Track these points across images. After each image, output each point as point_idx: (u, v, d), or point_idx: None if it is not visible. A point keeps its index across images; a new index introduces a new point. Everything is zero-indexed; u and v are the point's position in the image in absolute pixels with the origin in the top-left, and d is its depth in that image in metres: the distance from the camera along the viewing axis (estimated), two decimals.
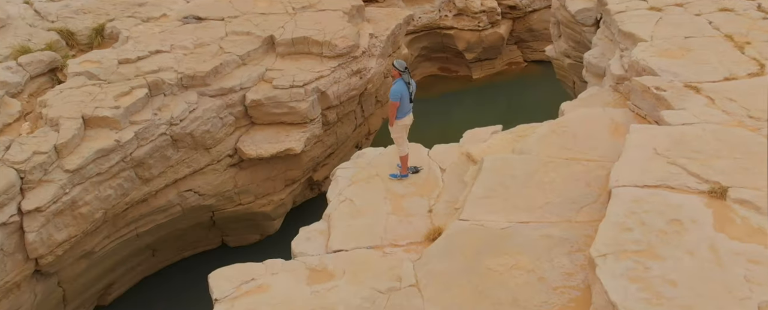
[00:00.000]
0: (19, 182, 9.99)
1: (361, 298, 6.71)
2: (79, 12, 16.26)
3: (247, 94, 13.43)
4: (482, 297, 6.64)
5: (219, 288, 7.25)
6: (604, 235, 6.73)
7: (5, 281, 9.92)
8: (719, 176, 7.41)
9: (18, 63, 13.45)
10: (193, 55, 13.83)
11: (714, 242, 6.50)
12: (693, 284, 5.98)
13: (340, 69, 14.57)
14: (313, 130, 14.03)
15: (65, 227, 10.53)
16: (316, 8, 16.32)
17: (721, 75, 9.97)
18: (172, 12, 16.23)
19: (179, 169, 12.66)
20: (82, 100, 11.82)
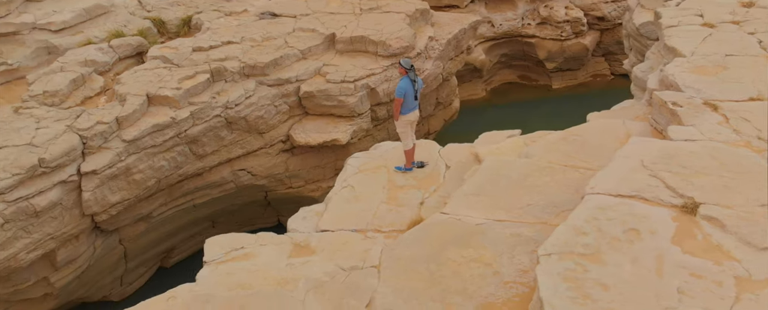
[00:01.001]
0: (81, 146, 11.15)
1: (323, 273, 7.11)
2: (173, 4, 17.61)
3: (301, 85, 14.12)
4: (434, 283, 6.86)
5: (210, 252, 7.88)
6: (557, 236, 6.75)
7: (63, 232, 11.10)
8: (696, 192, 7.21)
9: (109, 45, 14.83)
10: (260, 47, 14.69)
11: (664, 253, 6.38)
12: (623, 290, 5.94)
13: (392, 68, 14.97)
14: (361, 124, 14.52)
15: (119, 191, 11.61)
16: (382, 10, 16.80)
17: (748, 95, 9.52)
18: (253, 8, 17.24)
19: (233, 149, 13.54)
20: (150, 81, 12.93)
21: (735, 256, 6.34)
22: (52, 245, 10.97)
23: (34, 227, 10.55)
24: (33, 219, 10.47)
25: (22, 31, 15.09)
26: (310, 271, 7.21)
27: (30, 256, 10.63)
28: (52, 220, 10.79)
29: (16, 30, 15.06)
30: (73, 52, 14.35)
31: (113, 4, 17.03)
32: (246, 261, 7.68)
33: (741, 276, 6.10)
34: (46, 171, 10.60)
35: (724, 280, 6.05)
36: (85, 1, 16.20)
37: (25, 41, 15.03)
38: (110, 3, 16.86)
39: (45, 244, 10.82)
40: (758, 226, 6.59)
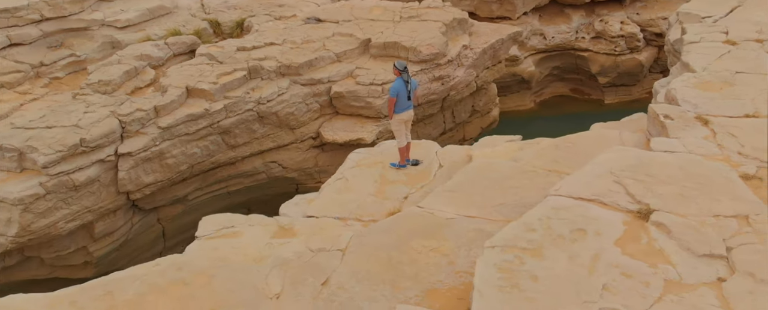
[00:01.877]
0: (120, 130, 12.10)
1: (293, 253, 7.56)
2: (231, 8, 18.61)
3: (333, 86, 14.70)
4: (390, 268, 7.21)
5: (203, 228, 8.51)
6: (507, 231, 6.98)
7: (100, 206, 12.07)
8: (654, 199, 7.25)
9: (165, 42, 15.90)
10: (298, 49, 15.38)
11: (602, 253, 6.51)
12: (551, 283, 6.13)
13: (421, 73, 15.33)
14: (387, 126, 14.94)
15: (152, 172, 12.50)
16: (421, 18, 17.18)
17: (744, 111, 9.35)
18: (301, 13, 17.99)
19: (264, 142, 14.25)
20: (192, 75, 13.83)
21: (672, 260, 6.40)
22: (89, 218, 11.95)
23: (73, 200, 11.55)
24: (72, 192, 11.46)
25: (92, 27, 16.40)
26: (283, 250, 7.70)
27: (68, 225, 11.63)
28: (90, 194, 11.77)
29: (87, 26, 16.37)
30: (132, 47, 15.47)
31: (177, 6, 18.18)
32: (233, 238, 8.26)
33: (671, 279, 6.17)
34: (86, 150, 11.58)
35: (652, 281, 6.14)
36: (150, 2, 17.41)
37: (93, 36, 16.32)
38: (174, 5, 18.02)
39: (83, 216, 11.81)
40: (703, 235, 6.62)
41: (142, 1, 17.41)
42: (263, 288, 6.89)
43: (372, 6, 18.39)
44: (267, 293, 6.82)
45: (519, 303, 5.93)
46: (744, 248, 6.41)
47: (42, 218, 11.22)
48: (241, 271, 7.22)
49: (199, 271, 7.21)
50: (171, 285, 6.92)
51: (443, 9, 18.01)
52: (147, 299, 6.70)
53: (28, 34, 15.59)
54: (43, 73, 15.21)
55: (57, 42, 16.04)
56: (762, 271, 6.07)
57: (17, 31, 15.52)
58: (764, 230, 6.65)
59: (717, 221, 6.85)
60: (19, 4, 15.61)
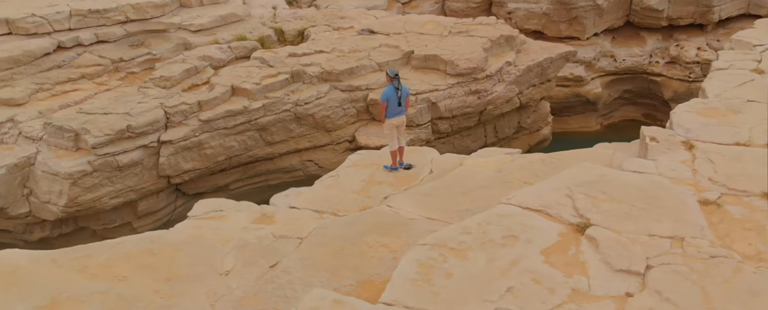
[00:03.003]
0: (165, 120, 13.13)
1: (257, 237, 8.00)
2: (298, 18, 19.54)
3: (370, 93, 15.16)
4: (337, 258, 7.50)
5: (195, 210, 9.15)
6: (444, 232, 7.12)
7: (142, 187, 13.13)
8: (597, 215, 7.13)
9: (229, 46, 16.99)
10: (344, 57, 15.97)
11: (523, 259, 6.52)
12: (461, 281, 6.20)
13: (457, 86, 15.48)
14: (419, 134, 15.18)
15: (191, 160, 13.43)
16: (468, 34, 17.31)
17: (737, 139, 8.88)
18: (359, 25, 18.61)
19: (301, 141, 14.90)
20: (240, 75, 14.73)
21: (589, 273, 6.33)
22: (132, 196, 13.03)
23: (117, 179, 12.65)
24: (116, 172, 12.57)
25: (169, 29, 17.77)
26: (251, 234, 8.18)
27: (112, 201, 12.75)
28: (133, 175, 12.84)
29: (166, 28, 17.76)
30: (199, 49, 16.65)
31: (250, 15, 19.33)
32: (217, 221, 8.85)
33: (580, 289, 6.11)
34: (131, 135, 12.67)
35: (560, 289, 6.11)
36: (223, 9, 18.63)
37: (169, 37, 17.68)
38: (247, 13, 19.16)
39: (126, 194, 12.90)
40: (628, 251, 6.49)
41: (216, 9, 18.67)
42: (217, 265, 7.40)
43: (426, 21, 18.72)
44: (219, 269, 7.33)
45: (423, 295, 6.07)
46: (664, 268, 6.24)
47: (88, 193, 12.38)
48: (205, 249, 7.77)
49: (169, 245, 7.83)
50: (139, 254, 7.59)
51: (494, 26, 18.04)
52: (114, 263, 7.39)
53: (113, 33, 17.14)
54: (122, 68, 16.67)
55: (138, 41, 17.51)
56: (670, 290, 5.90)
57: (104, 30, 17.10)
58: (694, 253, 6.43)
59: (650, 240, 6.68)
60: (108, 7, 17.19)
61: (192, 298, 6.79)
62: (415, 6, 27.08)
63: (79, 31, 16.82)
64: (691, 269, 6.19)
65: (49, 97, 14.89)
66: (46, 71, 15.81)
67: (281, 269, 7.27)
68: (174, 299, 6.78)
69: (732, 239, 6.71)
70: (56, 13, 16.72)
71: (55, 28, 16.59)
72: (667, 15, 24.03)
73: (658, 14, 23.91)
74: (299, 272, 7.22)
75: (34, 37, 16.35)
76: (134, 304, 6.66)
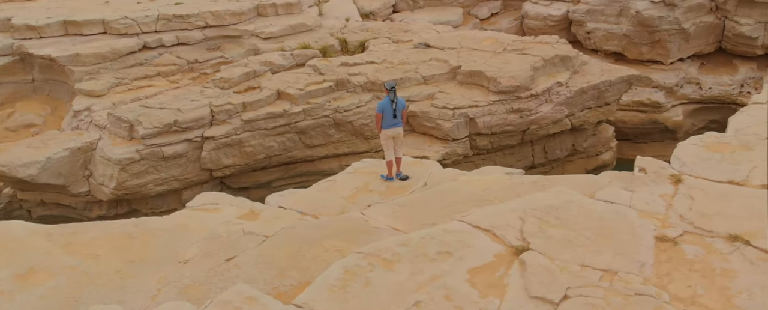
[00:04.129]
0: (210, 117, 13.87)
1: (228, 231, 8.22)
2: (364, 30, 19.87)
3: (410, 106, 15.18)
4: (290, 258, 7.54)
5: (194, 201, 9.58)
6: (384, 242, 7.08)
7: (186, 178, 13.94)
8: (538, 240, 6.79)
9: (291, 53, 17.63)
10: (391, 69, 16.09)
11: (445, 275, 6.32)
12: (376, 290, 6.09)
13: (499, 104, 15.11)
14: (455, 148, 14.98)
15: (232, 156, 14.08)
16: (523, 52, 16.84)
17: (732, 178, 8.03)
18: (419, 39, 18.64)
19: (339, 146, 15.17)
20: (288, 81, 15.25)
21: (505, 296, 6.08)
22: (176, 185, 13.87)
23: (162, 168, 13.52)
24: (161, 162, 13.44)
25: (243, 36, 18.72)
26: (225, 228, 8.47)
27: (157, 188, 13.64)
28: (177, 166, 13.67)
29: (240, 34, 18.73)
30: (264, 55, 17.43)
31: (320, 25, 19.93)
32: (208, 213, 9.26)
33: None
34: (178, 130, 13.50)
35: (468, 308, 5.90)
36: (294, 19, 19.35)
37: (242, 43, 18.63)
38: (317, 24, 19.76)
39: (170, 182, 13.75)
40: (552, 279, 6.17)
41: (289, 18, 19.42)
42: (180, 253, 7.76)
43: (485, 37, 18.45)
44: (180, 257, 7.69)
45: (334, 301, 6.08)
46: (580, 299, 5.86)
47: (135, 178, 13.33)
48: (177, 237, 8.17)
49: (148, 231, 8.32)
50: (119, 236, 8.11)
51: (552, 45, 17.46)
52: (96, 242, 7.95)
53: (192, 36, 18.32)
54: (196, 69, 17.77)
55: (215, 45, 18.60)
56: None
57: (185, 33, 18.32)
58: (620, 289, 5.98)
59: (581, 270, 6.28)
60: (191, 12, 18.40)
61: (144, 281, 7.18)
62: (494, 22, 26.70)
63: (163, 33, 18.14)
64: (607, 304, 5.77)
65: (125, 91, 16.19)
66: (129, 68, 17.17)
67: (234, 264, 7.51)
68: (128, 280, 7.21)
69: (671, 278, 6.17)
70: (145, 16, 18.14)
71: (142, 30, 18.00)
72: (762, 43, 22.13)
73: (751, 42, 22.09)
74: (250, 267, 7.42)
75: (124, 37, 17.83)
76: (93, 280, 7.16)
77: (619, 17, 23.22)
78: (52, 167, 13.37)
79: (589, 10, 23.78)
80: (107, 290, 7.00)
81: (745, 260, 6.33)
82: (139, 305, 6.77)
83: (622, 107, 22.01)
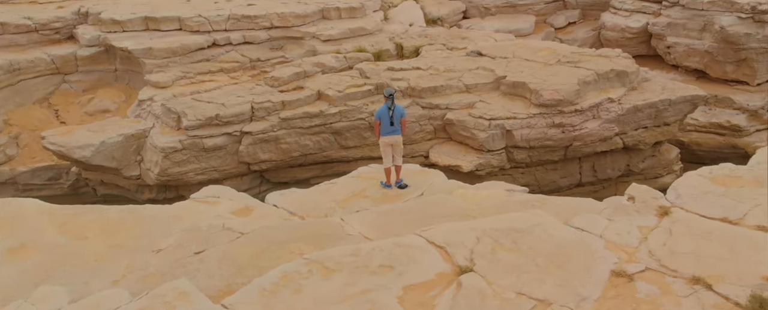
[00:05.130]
0: (250, 113, 14.24)
1: (209, 225, 8.27)
2: (422, 36, 19.64)
3: (448, 113, 14.83)
4: (253, 257, 7.47)
5: (199, 193, 9.88)
6: (335, 250, 6.99)
7: (225, 169, 14.39)
8: (485, 262, 6.42)
9: (344, 56, 17.76)
10: (435, 75, 15.79)
11: (377, 290, 6.15)
12: (303, 299, 6.08)
13: (539, 117, 14.42)
14: (490, 160, 14.46)
15: (268, 152, 14.37)
16: (576, 64, 15.97)
17: (727, 214, 7.16)
18: (475, 47, 18.15)
19: (375, 149, 15.00)
20: (330, 82, 15.36)
21: None
22: (215, 176, 14.37)
23: (202, 158, 14.05)
24: (202, 152, 13.96)
25: (305, 37, 19.06)
26: (210, 222, 8.62)
27: (198, 177, 14.18)
28: (217, 157, 14.16)
29: (302, 36, 19.09)
30: (319, 56, 17.68)
31: (381, 29, 19.94)
32: (206, 206, 9.50)
33: None
34: (219, 123, 13.97)
35: None
36: (355, 22, 19.46)
37: (303, 44, 18.97)
38: (377, 28, 19.77)
39: (209, 173, 14.26)
40: (482, 304, 5.87)
41: (350, 22, 19.56)
42: (157, 243, 8.01)
43: (542, 47, 17.70)
44: (154, 246, 7.94)
45: (258, 305, 6.06)
46: None
47: (177, 166, 13.94)
48: (160, 226, 8.42)
49: (140, 218, 8.65)
50: (113, 221, 8.49)
51: (610, 59, 16.47)
52: (90, 224, 8.36)
53: (258, 36, 18.88)
54: (257, 67, 18.30)
55: (278, 45, 19.06)
56: None
57: (252, 33, 18.91)
58: None
59: (515, 297, 5.90)
60: (258, 14, 18.96)
61: (114, 266, 7.48)
62: (570, 32, 25.58)
63: (232, 32, 18.82)
64: None
65: (187, 84, 16.96)
66: (195, 63, 17.98)
67: (200, 258, 7.65)
68: (102, 263, 7.54)
69: None
70: (217, 15, 18.92)
71: (213, 28, 18.78)
72: None
73: None
74: (212, 262, 7.54)
75: (196, 34, 18.68)
76: (70, 260, 7.55)
77: (702, 32, 21.51)
78: (105, 151, 14.28)
79: (670, 24, 22.20)
80: (79, 270, 7.36)
81: (697, 305, 5.66)
82: (101, 287, 7.05)
83: (697, 128, 20.40)
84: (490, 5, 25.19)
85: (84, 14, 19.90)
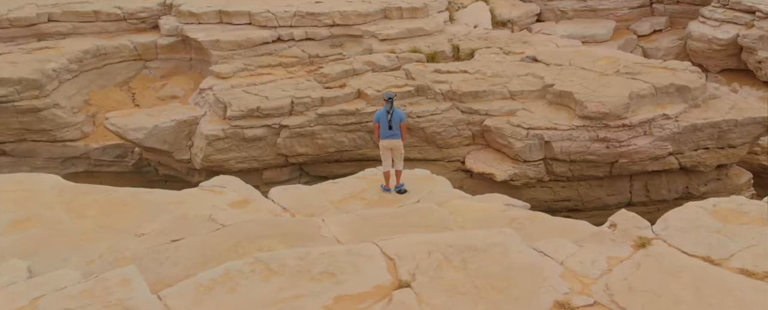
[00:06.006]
0: (290, 107, 14.40)
1: (196, 214, 8.29)
2: (482, 39, 18.98)
3: (486, 120, 14.23)
4: (223, 251, 7.35)
5: (208, 182, 10.11)
6: (281, 253, 6.89)
7: (264, 160, 14.66)
8: (426, 279, 6.09)
9: (396, 56, 17.53)
10: (480, 80, 15.20)
11: (308, 297, 6.00)
12: (233, 298, 6.00)
13: (582, 129, 13.51)
14: (526, 171, 13.73)
15: (305, 146, 14.46)
16: (634, 76, 14.81)
17: (709, 253, 6.30)
18: (534, 52, 17.31)
19: (411, 151, 14.73)
20: (372, 82, 15.22)
21: None
22: (255, 165, 14.69)
23: (243, 148, 14.39)
24: (242, 142, 14.31)
25: (364, 36, 19.01)
26: (200, 212, 8.73)
27: (238, 165, 14.55)
28: (257, 148, 14.45)
29: (362, 34, 19.05)
30: (372, 56, 17.58)
31: (442, 30, 19.50)
32: (211, 194, 9.68)
33: None
34: (259, 115, 14.25)
35: None
36: (414, 23, 19.16)
37: (362, 42, 18.93)
38: (437, 29, 19.34)
39: (249, 161, 14.59)
40: None
41: (411, 22, 19.30)
42: (143, 227, 8.24)
43: (602, 56, 16.61)
44: (139, 230, 8.18)
45: (188, 300, 6.03)
46: None
47: (219, 154, 14.39)
48: (154, 211, 8.64)
49: (139, 202, 8.93)
50: (114, 202, 8.84)
51: (674, 72, 15.17)
52: (94, 204, 8.74)
53: (319, 33, 19.07)
54: (314, 62, 18.50)
55: (338, 42, 19.17)
56: None
57: (314, 29, 19.11)
58: None
59: None
60: (322, 11, 19.16)
61: (97, 246, 7.76)
62: (653, 40, 23.87)
63: (296, 28, 19.14)
64: None
65: (246, 76, 17.45)
66: (258, 56, 18.46)
67: (175, 246, 7.73)
68: (87, 243, 7.86)
69: None
70: (284, 11, 19.33)
71: (279, 24, 19.19)
72: None
73: None
74: (184, 251, 7.62)
75: (264, 28, 19.18)
76: (61, 236, 7.94)
77: None
78: (157, 134, 15.00)
79: (762, 36, 20.16)
80: (63, 247, 7.73)
81: None
82: (78, 264, 7.35)
83: None
84: (568, 9, 23.95)
85: (168, 6, 20.98)
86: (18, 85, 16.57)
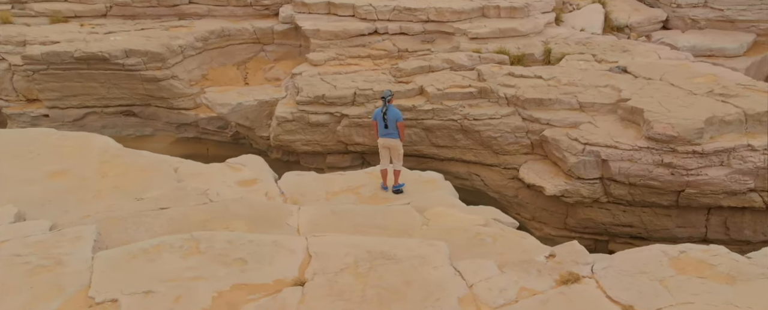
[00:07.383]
0: (352, 98, 14.40)
1: (194, 188, 8.70)
2: (580, 44, 17.22)
3: (546, 129, 13.14)
4: (192, 224, 7.57)
5: (233, 160, 10.52)
6: (220, 233, 7.02)
7: (326, 145, 14.83)
8: (321, 281, 5.92)
9: (479, 56, 16.76)
10: (552, 87, 14.04)
11: (204, 278, 6.08)
12: (141, 264, 6.23)
13: (645, 151, 11.97)
14: (579, 188, 12.50)
15: (362, 136, 14.30)
16: (724, 99, 12.83)
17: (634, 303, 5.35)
18: (626, 62, 15.56)
19: (466, 153, 14.15)
20: (437, 80, 14.75)
21: None
22: (318, 149, 15.00)
23: (307, 131, 14.74)
24: (307, 127, 14.66)
25: (455, 33, 18.42)
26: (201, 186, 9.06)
27: (304, 147, 14.98)
28: (320, 133, 14.72)
29: (453, 32, 18.46)
30: (453, 54, 16.98)
31: (539, 32, 18.27)
32: (230, 170, 10.12)
33: None
34: (324, 103, 14.50)
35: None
36: (508, 23, 18.13)
37: (452, 40, 18.35)
38: (534, 30, 18.14)
39: (313, 145, 14.93)
40: None
41: (506, 22, 18.30)
42: (146, 192, 8.81)
43: (705, 73, 14.52)
44: (142, 195, 8.74)
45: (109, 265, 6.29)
46: None
47: (286, 134, 14.92)
48: (167, 180, 9.22)
49: (159, 169, 9.53)
50: (137, 167, 9.51)
51: None
52: (121, 166, 9.45)
53: (413, 28, 18.81)
54: (402, 56, 18.29)
55: (430, 39, 18.78)
56: None
57: (408, 24, 18.88)
58: None
59: None
60: (418, 7, 18.89)
61: (100, 204, 8.45)
62: None
63: (391, 22, 19.09)
64: None
65: (335, 65, 17.81)
66: (351, 47, 18.74)
67: (155, 215, 8.06)
68: (94, 200, 8.56)
69: None
70: (384, 6, 19.36)
71: (378, 17, 19.29)
72: None
73: None
74: (160, 220, 7.93)
75: (364, 21, 19.39)
76: (78, 191, 8.76)
77: None
78: (240, 111, 15.92)
79: None
80: (74, 200, 8.55)
81: None
82: (74, 218, 8.05)
83: None
84: (700, 17, 21.10)
85: None
86: (144, 57, 18.45)
